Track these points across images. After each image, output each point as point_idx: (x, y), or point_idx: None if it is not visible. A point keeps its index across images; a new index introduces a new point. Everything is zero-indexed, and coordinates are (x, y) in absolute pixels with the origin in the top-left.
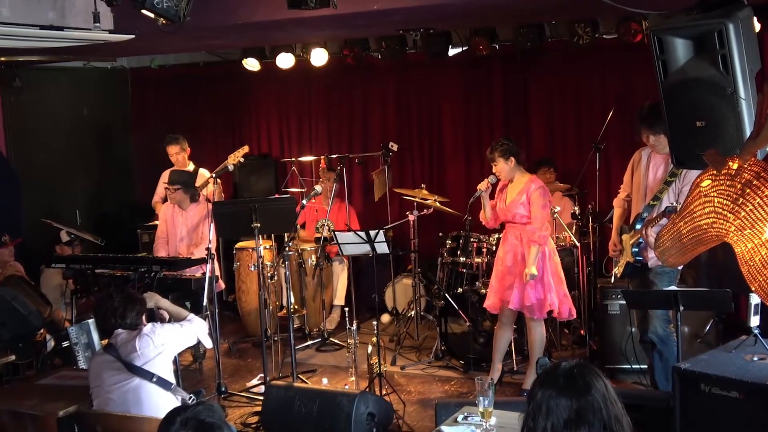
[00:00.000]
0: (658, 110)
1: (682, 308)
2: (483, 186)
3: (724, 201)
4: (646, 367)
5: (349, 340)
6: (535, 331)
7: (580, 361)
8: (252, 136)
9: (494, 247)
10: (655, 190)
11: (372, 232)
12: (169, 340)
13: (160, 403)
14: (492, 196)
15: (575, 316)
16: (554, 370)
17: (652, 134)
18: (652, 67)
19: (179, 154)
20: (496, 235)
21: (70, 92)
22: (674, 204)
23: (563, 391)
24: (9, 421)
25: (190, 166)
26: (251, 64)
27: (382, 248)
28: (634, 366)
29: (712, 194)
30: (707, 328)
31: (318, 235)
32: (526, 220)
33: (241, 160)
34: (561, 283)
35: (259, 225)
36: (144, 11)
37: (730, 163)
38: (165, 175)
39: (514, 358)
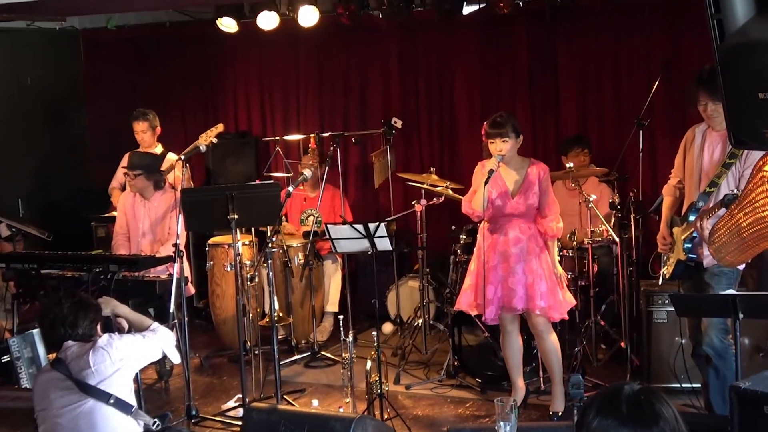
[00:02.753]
0: None
1: (742, 316)
2: (495, 165)
3: None
4: (699, 386)
5: (344, 354)
6: (548, 340)
7: (644, 384)
8: (228, 111)
9: None
10: (711, 175)
11: (371, 225)
12: (128, 354)
13: (118, 429)
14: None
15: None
16: (616, 394)
17: (711, 102)
18: (705, 28)
19: (146, 133)
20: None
21: (9, 58)
22: (734, 191)
23: (627, 421)
24: None
25: (158, 149)
26: (227, 24)
27: (384, 244)
28: (684, 385)
29: None
30: None
31: (306, 228)
32: (534, 210)
33: (215, 140)
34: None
35: (236, 217)
36: None
37: None
38: (125, 158)
39: (540, 375)
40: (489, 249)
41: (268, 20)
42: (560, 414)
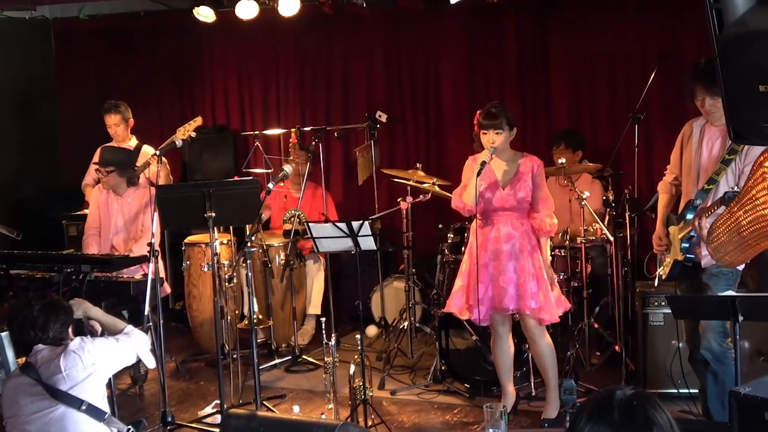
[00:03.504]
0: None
1: (742, 318)
2: (487, 156)
3: None
4: (696, 391)
5: (326, 359)
6: (541, 343)
7: (638, 389)
8: (206, 104)
9: None
10: (710, 172)
11: (355, 224)
12: (101, 358)
13: None
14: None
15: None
16: (607, 400)
17: (709, 96)
18: (703, 18)
19: (119, 126)
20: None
21: None
22: (734, 189)
23: (620, 428)
24: None
25: (132, 141)
26: (204, 14)
27: (368, 243)
28: (681, 391)
29: None
30: None
31: (288, 227)
32: (527, 205)
33: (193, 134)
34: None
35: (214, 214)
36: None
37: None
38: (98, 153)
39: (532, 380)
40: (480, 246)
41: (247, 9)
42: (552, 421)
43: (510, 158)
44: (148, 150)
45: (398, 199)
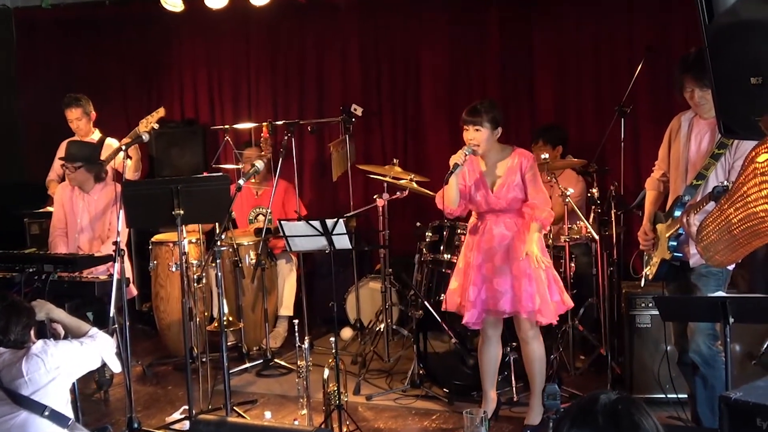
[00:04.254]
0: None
1: (732, 320)
2: (460, 158)
3: None
4: (685, 396)
5: (299, 362)
6: (532, 344)
7: (623, 393)
8: (174, 97)
9: None
10: (699, 167)
11: (329, 222)
12: (65, 362)
13: None
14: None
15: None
16: (591, 405)
17: (698, 88)
18: (693, 7)
19: (81, 120)
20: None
21: None
22: (724, 184)
23: None
24: None
25: (95, 135)
26: (172, 2)
27: (342, 242)
28: (670, 396)
29: None
30: (765, 345)
31: (258, 225)
32: (520, 204)
33: (156, 126)
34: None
35: (182, 212)
36: None
37: None
38: (62, 148)
39: (514, 385)
40: (473, 247)
41: None
42: (534, 427)
43: (498, 157)
44: (112, 143)
45: (374, 196)
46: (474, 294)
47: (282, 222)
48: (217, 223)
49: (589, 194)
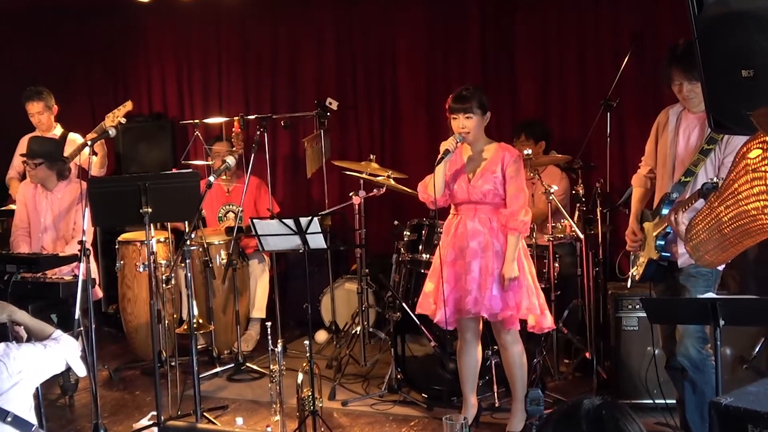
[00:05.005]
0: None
1: (723, 323)
2: (452, 144)
3: None
4: (674, 402)
5: (272, 366)
6: (512, 350)
7: (607, 398)
8: (141, 90)
9: None
10: (687, 163)
11: (303, 220)
12: (28, 366)
13: None
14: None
15: (549, 329)
16: (575, 410)
17: (687, 81)
18: None
19: (42, 114)
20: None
21: None
22: (714, 180)
23: None
24: None
25: (57, 130)
26: None
27: (317, 241)
28: (658, 401)
29: (763, 168)
30: (756, 349)
31: (229, 224)
32: (498, 199)
33: (123, 120)
34: (537, 286)
35: (150, 210)
36: None
37: None
38: (23, 144)
39: (495, 390)
40: (448, 243)
41: None
42: None
43: (482, 147)
44: (75, 138)
45: (350, 194)
46: (447, 291)
47: (254, 220)
48: (186, 222)
49: (573, 192)
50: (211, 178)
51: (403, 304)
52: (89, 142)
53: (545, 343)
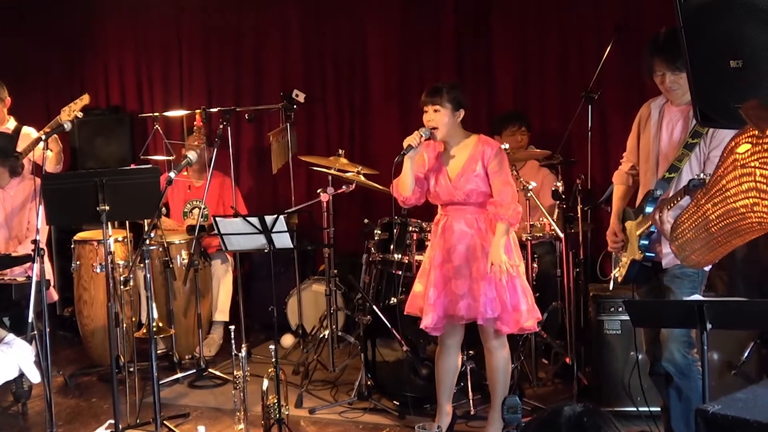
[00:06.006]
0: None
1: (709, 326)
2: (415, 140)
3: None
4: (658, 410)
5: (236, 372)
6: (497, 354)
7: (588, 405)
8: (98, 82)
9: None
10: (671, 158)
11: (268, 219)
12: None
13: None
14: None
15: (538, 329)
16: (555, 418)
17: (670, 72)
18: None
19: None
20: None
21: None
22: (701, 176)
23: None
24: None
25: (11, 123)
26: None
27: (283, 241)
28: (641, 409)
29: (752, 164)
30: (745, 354)
31: (191, 222)
32: (483, 198)
33: (80, 114)
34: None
35: (108, 208)
36: None
37: None
38: None
39: (471, 397)
40: (435, 245)
41: None
42: None
43: (461, 143)
44: (29, 132)
45: (318, 191)
46: (434, 296)
47: (217, 219)
48: (146, 220)
49: (553, 188)
50: (172, 174)
51: (374, 307)
52: (43, 137)
53: (523, 347)
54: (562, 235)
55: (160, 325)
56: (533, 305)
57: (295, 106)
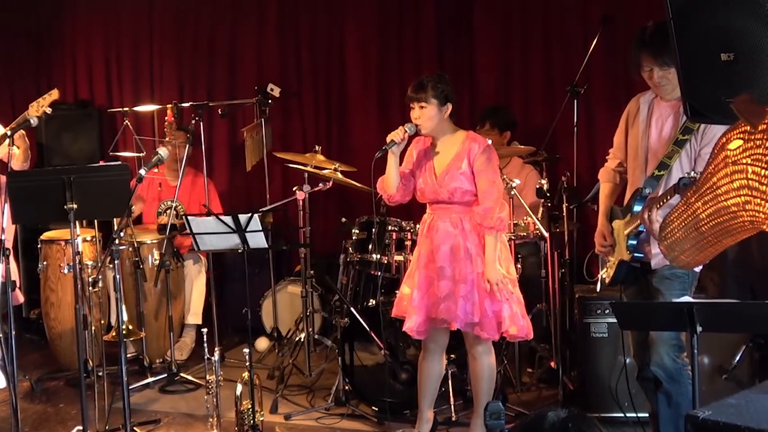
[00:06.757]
0: (668, 33)
1: (700, 329)
2: (398, 136)
3: (763, 171)
4: (646, 415)
5: (208, 377)
6: (482, 361)
7: (574, 411)
8: (66, 75)
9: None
10: (660, 155)
11: (242, 217)
12: None
13: None
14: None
15: (531, 337)
16: (539, 423)
17: (657, 67)
18: None
19: None
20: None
21: None
22: (692, 175)
23: None
24: None
25: None
26: None
27: (258, 240)
28: (629, 414)
29: (744, 161)
30: (737, 358)
31: (163, 221)
32: (470, 197)
33: (48, 110)
34: (515, 287)
35: (75, 206)
36: None
37: None
38: None
39: (452, 402)
40: (421, 246)
41: None
42: None
43: (446, 138)
44: None
45: (294, 188)
46: (418, 298)
47: (189, 218)
48: (115, 219)
49: (537, 186)
50: (142, 172)
51: (352, 309)
52: (9, 133)
53: (506, 351)
54: (546, 235)
55: (130, 327)
56: (517, 313)
57: (270, 101)
